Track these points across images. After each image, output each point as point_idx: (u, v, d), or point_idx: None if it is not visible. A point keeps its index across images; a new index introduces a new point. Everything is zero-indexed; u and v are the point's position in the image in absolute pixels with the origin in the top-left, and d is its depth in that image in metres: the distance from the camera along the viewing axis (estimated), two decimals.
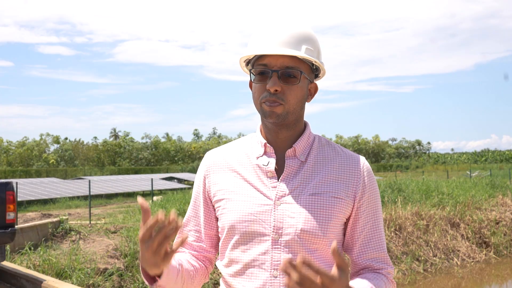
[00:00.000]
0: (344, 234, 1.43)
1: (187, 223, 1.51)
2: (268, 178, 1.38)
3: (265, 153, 1.41)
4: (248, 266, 1.34)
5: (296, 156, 1.40)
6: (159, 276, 1.24)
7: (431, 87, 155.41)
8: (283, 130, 1.40)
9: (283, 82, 1.33)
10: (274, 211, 1.34)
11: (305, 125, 1.46)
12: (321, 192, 1.35)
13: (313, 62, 1.38)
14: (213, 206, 1.46)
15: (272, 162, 1.39)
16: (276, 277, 1.31)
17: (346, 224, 1.42)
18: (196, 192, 1.50)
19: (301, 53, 1.33)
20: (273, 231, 1.32)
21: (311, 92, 1.44)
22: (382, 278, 1.37)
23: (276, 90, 1.33)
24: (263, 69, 1.35)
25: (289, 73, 1.33)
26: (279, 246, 1.32)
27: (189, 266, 1.42)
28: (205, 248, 1.49)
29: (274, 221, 1.33)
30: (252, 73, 1.39)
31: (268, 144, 1.40)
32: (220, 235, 1.43)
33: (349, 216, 1.40)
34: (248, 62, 1.44)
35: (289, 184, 1.36)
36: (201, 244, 1.48)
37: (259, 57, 1.38)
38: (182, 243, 1.16)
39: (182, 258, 1.42)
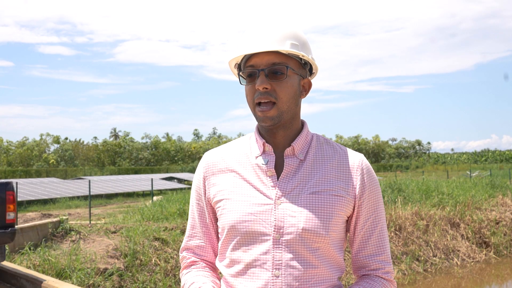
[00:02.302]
0: (346, 232, 1.43)
1: (195, 225, 1.50)
2: (267, 177, 1.37)
3: (264, 152, 1.41)
4: (249, 266, 1.33)
5: (295, 155, 1.39)
6: None
7: (431, 87, 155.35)
8: (280, 131, 1.40)
9: (271, 79, 1.34)
10: (275, 210, 1.33)
11: (303, 124, 1.46)
12: (321, 190, 1.35)
13: (300, 57, 1.37)
14: (213, 208, 1.45)
15: (271, 161, 1.39)
16: (278, 276, 1.30)
17: (348, 222, 1.42)
18: (198, 193, 1.49)
19: (285, 47, 1.33)
20: (274, 231, 1.32)
21: (305, 88, 1.44)
22: (377, 284, 1.38)
23: (265, 88, 1.34)
24: (251, 70, 1.36)
25: (276, 69, 1.34)
26: (280, 246, 1.31)
27: None
28: (215, 250, 1.49)
29: (275, 220, 1.32)
30: (242, 77, 1.40)
31: (266, 143, 1.40)
32: (220, 236, 1.42)
33: (351, 214, 1.40)
34: (239, 68, 1.44)
35: (288, 183, 1.36)
36: (210, 246, 1.49)
37: (246, 60, 1.38)
38: None
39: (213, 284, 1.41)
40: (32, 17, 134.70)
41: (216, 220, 1.46)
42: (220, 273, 1.45)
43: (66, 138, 74.04)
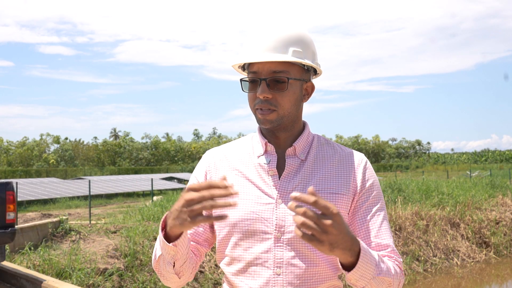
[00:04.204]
0: None
1: None
2: (269, 176, 1.38)
3: (266, 151, 1.42)
4: (250, 264, 1.34)
5: (296, 155, 1.41)
6: (176, 237, 1.23)
7: (432, 87, 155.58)
8: (281, 133, 1.41)
9: (272, 89, 1.34)
10: (276, 209, 1.34)
11: (304, 124, 1.47)
12: (322, 189, 1.36)
13: (303, 63, 1.37)
14: None
15: (273, 161, 1.40)
16: (279, 274, 1.31)
17: (350, 218, 1.41)
18: (197, 181, 1.48)
19: (287, 56, 1.33)
20: (275, 229, 1.33)
21: (308, 91, 1.44)
22: (392, 261, 1.35)
23: (266, 97, 1.34)
24: (253, 77, 1.37)
25: (277, 79, 1.34)
26: (281, 244, 1.32)
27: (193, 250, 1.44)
28: (202, 242, 1.47)
29: (276, 219, 1.34)
30: (246, 81, 1.40)
31: (268, 143, 1.41)
32: (219, 233, 1.43)
33: (353, 210, 1.40)
34: (243, 68, 1.45)
35: (290, 182, 1.37)
36: (198, 238, 1.47)
37: (250, 64, 1.39)
38: (221, 219, 1.11)
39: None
40: (32, 17, 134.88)
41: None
42: (221, 272, 1.45)
43: (66, 138, 74.08)
